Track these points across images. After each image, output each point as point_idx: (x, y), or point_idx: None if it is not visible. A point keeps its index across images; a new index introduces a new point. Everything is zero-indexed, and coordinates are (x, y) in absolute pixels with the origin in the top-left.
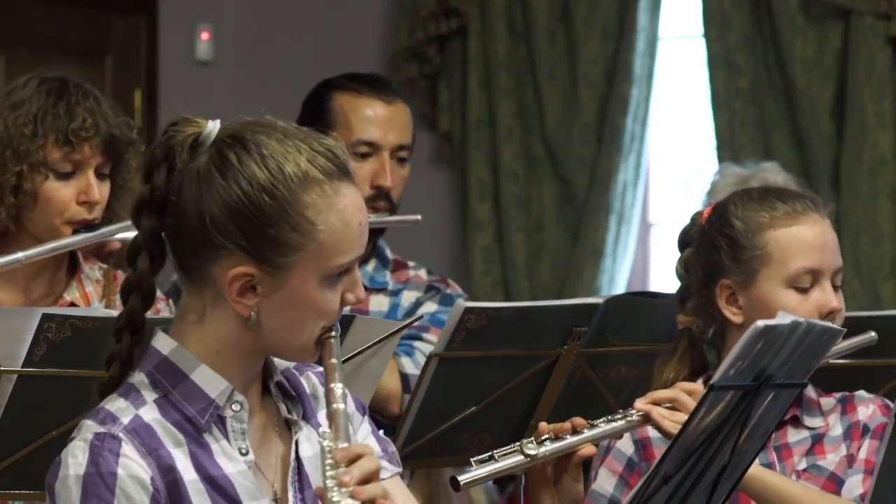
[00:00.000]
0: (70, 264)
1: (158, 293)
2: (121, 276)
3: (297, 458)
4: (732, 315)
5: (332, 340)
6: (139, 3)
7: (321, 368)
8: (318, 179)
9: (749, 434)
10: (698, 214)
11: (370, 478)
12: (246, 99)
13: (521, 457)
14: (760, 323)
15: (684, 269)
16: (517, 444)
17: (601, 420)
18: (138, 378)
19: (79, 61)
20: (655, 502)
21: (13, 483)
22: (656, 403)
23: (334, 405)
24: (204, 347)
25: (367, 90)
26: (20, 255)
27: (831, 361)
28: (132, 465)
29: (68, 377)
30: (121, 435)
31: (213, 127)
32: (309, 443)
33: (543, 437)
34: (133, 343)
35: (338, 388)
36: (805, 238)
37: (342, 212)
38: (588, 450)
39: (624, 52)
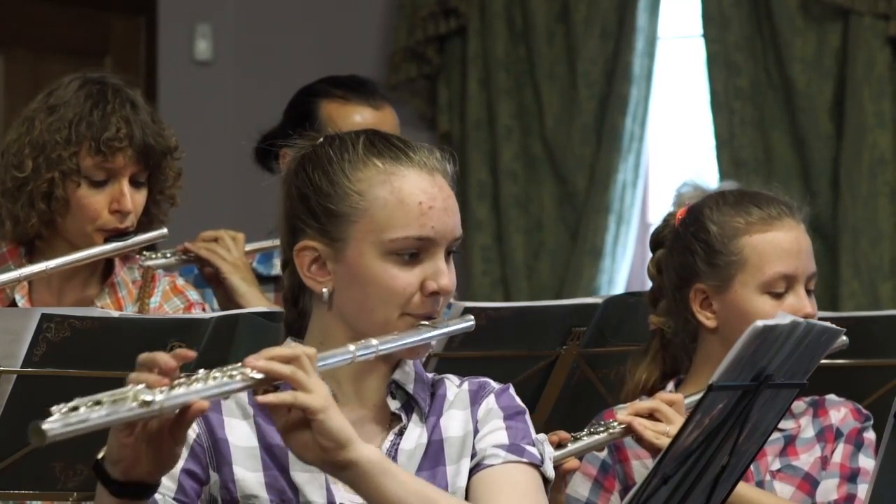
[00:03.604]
0: (104, 270)
1: (196, 298)
2: (159, 276)
3: (395, 449)
4: (706, 319)
5: (421, 327)
6: (138, 4)
7: (485, 380)
8: (374, 160)
9: (748, 434)
10: (671, 215)
11: (286, 359)
12: (245, 99)
13: None
14: (760, 323)
15: (657, 270)
16: None
17: (583, 433)
18: None
19: (78, 61)
20: (654, 503)
21: (13, 483)
22: (637, 415)
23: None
24: (311, 340)
25: (354, 97)
26: (45, 264)
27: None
28: None
29: (68, 377)
30: None
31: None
32: (412, 437)
33: None
34: None
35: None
36: (780, 243)
37: (397, 189)
38: (572, 463)
39: (623, 52)
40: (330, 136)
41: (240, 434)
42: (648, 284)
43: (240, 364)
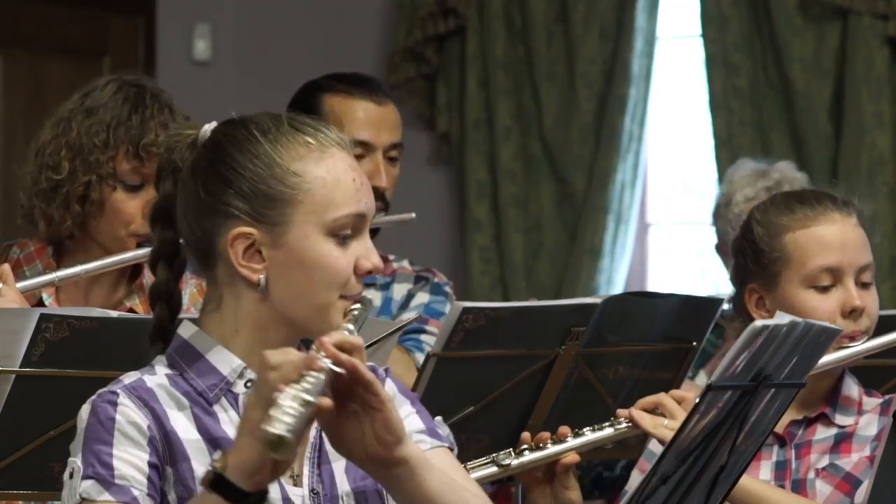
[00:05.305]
0: (132, 271)
1: None
2: (186, 278)
3: (320, 437)
4: (762, 319)
5: (356, 313)
6: (137, 3)
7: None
8: (304, 140)
9: (747, 434)
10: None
11: (350, 348)
12: (244, 99)
13: (495, 468)
14: (758, 322)
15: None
16: (492, 455)
17: (587, 428)
18: (158, 359)
19: (77, 61)
20: (654, 502)
21: (12, 483)
22: (644, 410)
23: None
24: (224, 330)
25: (358, 91)
26: (80, 269)
27: (863, 360)
28: (129, 413)
29: (66, 377)
30: (119, 390)
31: (209, 126)
32: None
33: (523, 447)
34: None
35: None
36: (822, 237)
37: (331, 168)
38: (570, 458)
39: (622, 52)
40: (232, 120)
41: (183, 427)
42: (647, 284)
43: (315, 347)
